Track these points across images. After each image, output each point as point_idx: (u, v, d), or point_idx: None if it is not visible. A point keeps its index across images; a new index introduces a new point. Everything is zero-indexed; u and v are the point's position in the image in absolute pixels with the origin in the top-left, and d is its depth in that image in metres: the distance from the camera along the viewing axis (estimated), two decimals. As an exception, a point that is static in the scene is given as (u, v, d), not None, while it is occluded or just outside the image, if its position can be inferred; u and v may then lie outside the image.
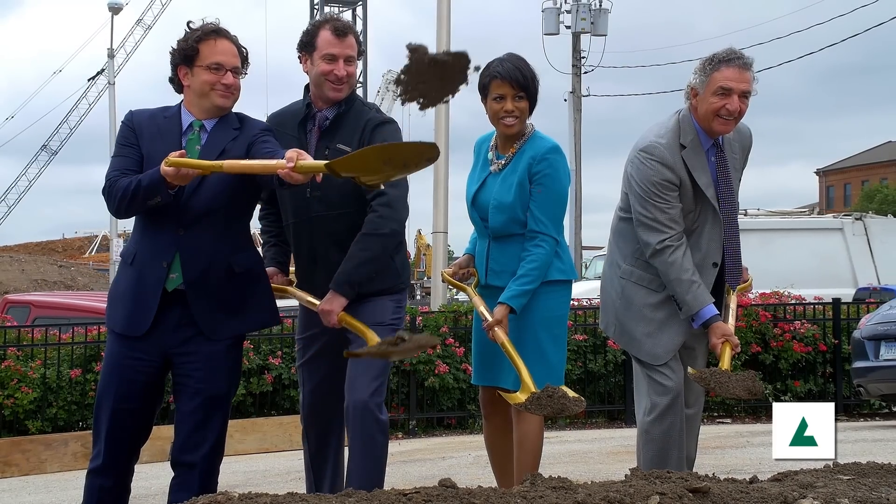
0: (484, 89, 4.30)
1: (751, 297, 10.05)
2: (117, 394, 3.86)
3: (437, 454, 7.86)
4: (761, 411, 10.02)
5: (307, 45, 4.19)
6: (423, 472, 6.63)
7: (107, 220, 41.94)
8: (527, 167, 4.26)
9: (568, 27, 30.40)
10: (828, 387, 10.15)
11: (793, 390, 10.00)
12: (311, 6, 48.62)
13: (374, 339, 3.70)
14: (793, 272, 13.58)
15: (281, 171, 3.42)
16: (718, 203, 4.16)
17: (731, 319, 4.21)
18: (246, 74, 3.98)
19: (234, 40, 3.93)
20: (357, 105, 4.23)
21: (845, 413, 9.98)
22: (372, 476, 3.97)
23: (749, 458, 6.78)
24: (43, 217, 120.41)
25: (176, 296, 3.84)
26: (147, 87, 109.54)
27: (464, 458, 7.44)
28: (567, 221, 13.24)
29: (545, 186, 4.24)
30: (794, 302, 10.66)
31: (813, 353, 10.13)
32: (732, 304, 4.28)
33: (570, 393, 4.10)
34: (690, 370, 4.06)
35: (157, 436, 4.62)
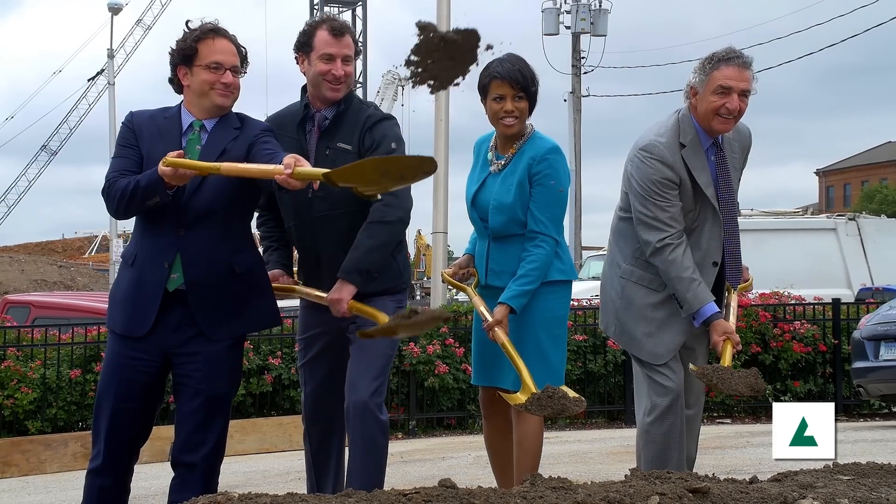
0: (484, 89, 4.30)
1: (750, 297, 10.04)
2: (117, 394, 3.85)
3: (437, 454, 7.86)
4: (761, 411, 10.02)
5: (304, 46, 4.19)
6: (422, 473, 6.63)
7: (106, 220, 41.94)
8: (527, 167, 4.25)
9: (568, 27, 30.42)
10: (827, 387, 10.16)
11: (792, 390, 10.00)
12: (311, 6, 48.61)
13: (385, 321, 3.65)
14: (787, 272, 13.55)
15: (278, 177, 3.42)
16: (718, 202, 4.16)
17: (732, 318, 4.20)
18: (245, 73, 3.98)
19: (232, 39, 3.93)
20: (355, 103, 4.22)
21: (845, 413, 9.98)
22: (372, 476, 3.96)
23: (749, 458, 6.78)
24: (43, 217, 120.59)
25: (177, 296, 3.83)
26: (147, 88, 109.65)
27: (464, 459, 7.43)
28: (567, 222, 13.22)
29: (545, 187, 4.24)
30: (793, 302, 10.66)
31: (813, 354, 10.13)
32: (733, 303, 4.28)
33: (571, 393, 4.10)
34: (692, 367, 4.05)
35: (157, 436, 4.62)
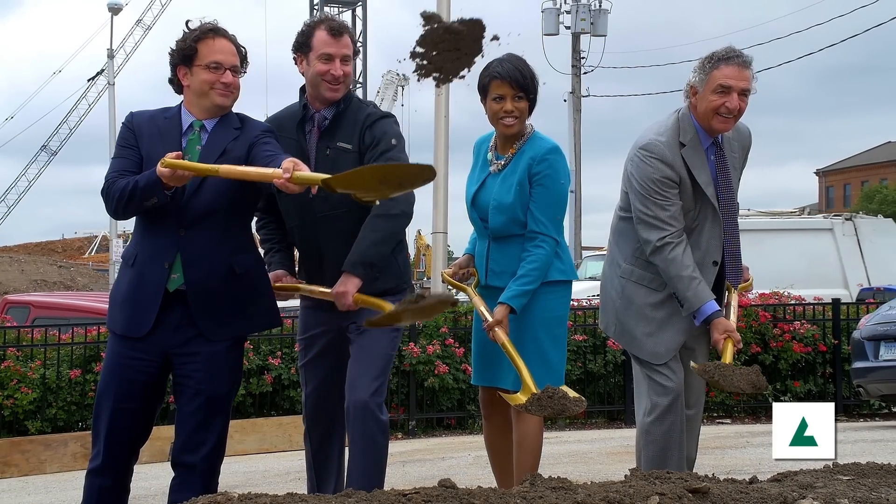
0: (483, 89, 4.30)
1: (750, 297, 10.04)
2: (117, 394, 3.85)
3: (437, 454, 7.86)
4: (761, 412, 10.02)
5: (303, 46, 4.18)
6: (422, 473, 6.63)
7: (106, 220, 41.91)
8: (526, 168, 4.25)
9: (568, 27, 30.43)
10: (827, 387, 10.16)
11: (792, 391, 10.00)
12: (311, 6, 48.59)
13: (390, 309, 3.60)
14: (783, 272, 13.52)
15: (277, 181, 3.42)
16: (718, 201, 4.16)
17: (733, 317, 4.19)
18: (245, 73, 3.98)
19: (232, 39, 3.92)
20: (354, 103, 4.22)
21: (845, 413, 9.98)
22: (372, 476, 3.96)
23: (749, 458, 6.78)
24: (42, 217, 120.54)
25: (177, 296, 3.83)
26: (147, 88, 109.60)
27: (463, 459, 7.43)
28: (567, 222, 13.21)
29: (545, 187, 4.24)
30: (793, 302, 10.66)
31: (812, 354, 10.13)
32: (734, 302, 4.27)
33: (571, 393, 4.10)
34: (693, 364, 4.04)
35: (157, 436, 4.62)
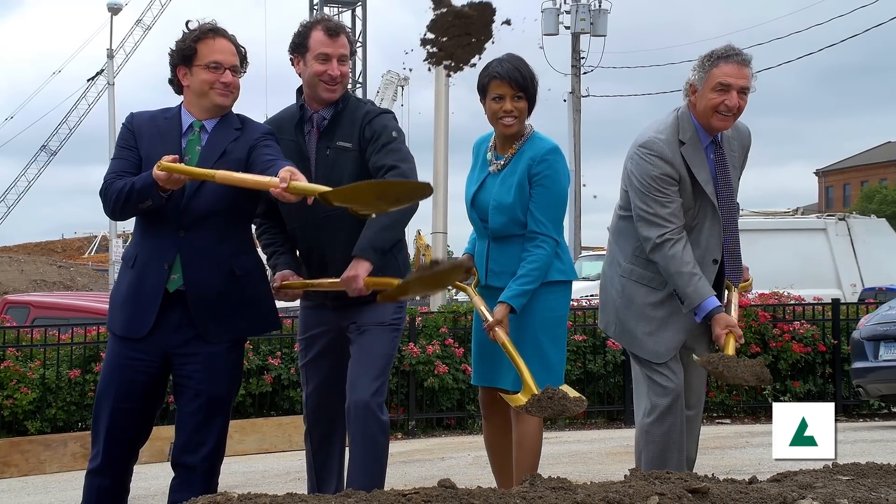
0: (483, 89, 4.30)
1: (750, 297, 10.04)
2: (117, 394, 3.85)
3: (437, 455, 7.86)
4: (760, 412, 10.02)
5: (299, 47, 4.18)
6: (422, 473, 6.63)
7: (106, 220, 41.84)
8: (526, 168, 4.25)
9: (567, 28, 30.42)
10: (827, 387, 10.16)
11: (792, 391, 10.00)
12: (311, 6, 48.59)
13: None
14: (777, 272, 13.52)
15: (273, 191, 3.43)
16: (717, 199, 4.16)
17: (734, 314, 4.19)
18: (245, 73, 3.98)
19: (232, 39, 3.92)
20: (352, 102, 4.22)
21: (844, 414, 9.98)
22: (372, 476, 3.96)
23: (748, 458, 6.78)
24: (42, 217, 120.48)
25: (177, 296, 3.83)
26: (146, 88, 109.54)
27: (463, 459, 7.43)
28: (567, 222, 13.21)
29: (545, 187, 4.24)
30: (793, 302, 10.66)
31: (812, 354, 10.13)
32: (734, 300, 4.26)
33: (571, 393, 4.08)
34: (696, 357, 4.02)
35: (157, 436, 4.62)
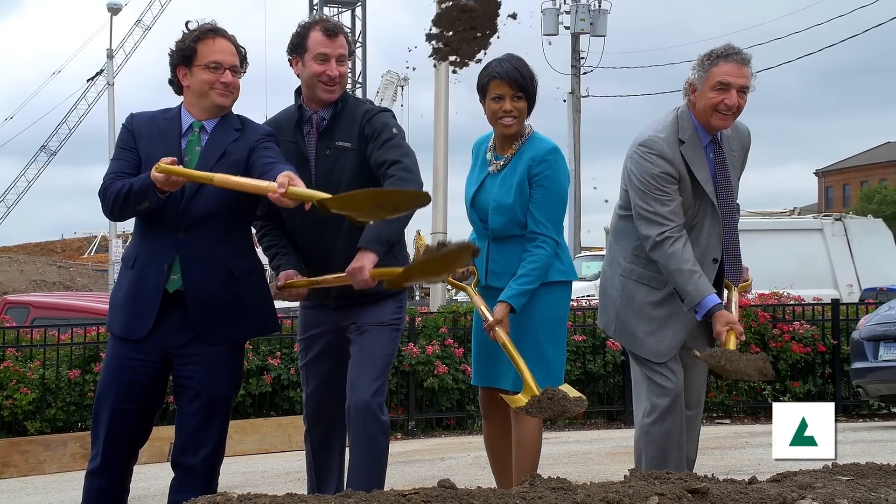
0: (482, 89, 4.30)
1: (750, 297, 10.04)
2: (117, 395, 3.85)
3: (436, 455, 7.86)
4: (760, 412, 10.02)
5: (298, 48, 4.17)
6: (422, 473, 6.63)
7: (105, 221, 41.74)
8: (526, 168, 4.25)
9: (567, 28, 30.43)
10: (827, 387, 10.15)
11: (792, 391, 9.99)
12: (311, 7, 48.57)
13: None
14: (773, 272, 13.51)
15: (271, 196, 3.44)
16: (717, 199, 4.15)
17: (735, 314, 4.18)
18: (245, 73, 3.98)
19: (231, 39, 3.93)
20: (351, 101, 4.23)
21: (844, 414, 9.98)
22: (372, 476, 3.96)
23: (748, 458, 6.78)
24: (42, 218, 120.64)
25: (177, 297, 3.83)
26: (146, 88, 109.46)
27: (463, 459, 7.43)
28: (567, 222, 13.21)
29: (545, 188, 4.24)
30: (793, 303, 10.67)
31: (812, 354, 10.13)
32: (735, 299, 4.26)
33: (572, 393, 4.07)
34: (698, 353, 3.99)
35: (156, 436, 4.62)
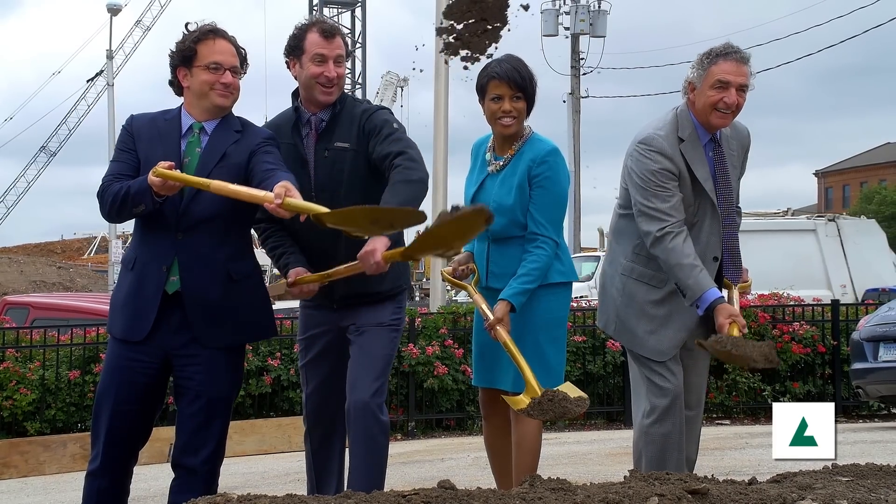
0: (481, 90, 4.30)
1: (749, 298, 10.04)
2: (117, 395, 3.85)
3: (436, 455, 7.86)
4: (760, 413, 10.02)
5: (295, 49, 4.17)
6: (421, 474, 6.63)
7: (105, 221, 41.87)
8: (526, 169, 4.25)
9: (567, 28, 30.45)
10: (826, 388, 10.15)
11: (791, 392, 10.00)
12: (311, 7, 48.57)
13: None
14: (766, 273, 13.49)
15: (268, 206, 3.45)
16: (717, 197, 4.15)
17: (736, 309, 4.17)
18: (245, 74, 3.98)
19: (232, 40, 3.93)
20: (349, 102, 4.23)
21: (844, 414, 9.98)
22: (372, 477, 3.96)
23: (748, 459, 6.78)
24: (42, 218, 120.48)
25: (177, 298, 3.82)
26: (146, 89, 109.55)
27: (463, 460, 7.43)
28: (567, 223, 13.20)
29: (545, 189, 4.24)
30: (792, 303, 10.66)
31: (812, 355, 10.13)
32: (735, 297, 4.25)
33: (574, 392, 4.05)
34: (700, 341, 3.96)
35: (156, 437, 4.62)
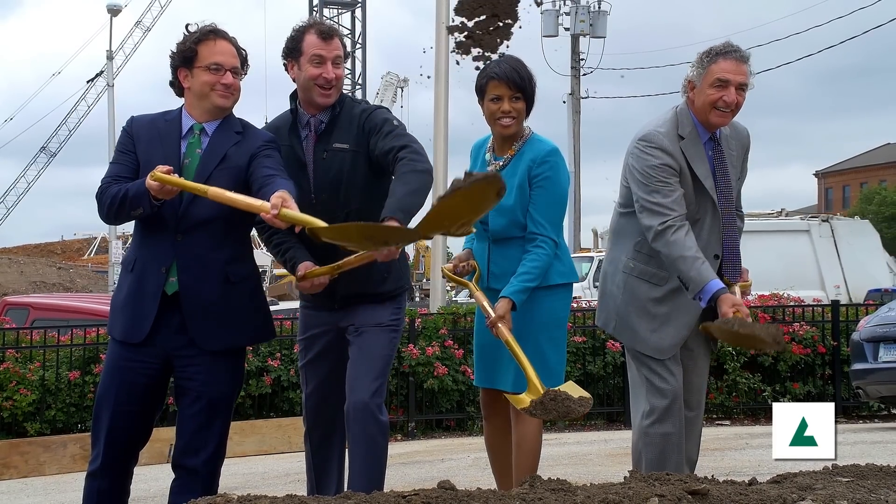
0: (481, 90, 4.30)
1: (749, 298, 10.04)
2: (118, 396, 3.85)
3: (436, 456, 7.86)
4: (760, 413, 10.02)
5: (293, 51, 4.16)
6: (421, 474, 6.63)
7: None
8: (527, 170, 4.25)
9: (567, 29, 30.46)
10: (827, 389, 10.15)
11: (792, 392, 9.99)
12: (311, 8, 48.56)
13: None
14: (760, 274, 13.49)
15: (264, 216, 3.47)
16: (717, 195, 4.15)
17: (739, 298, 4.15)
18: (245, 75, 3.99)
19: (232, 41, 3.93)
20: (348, 103, 4.22)
21: (844, 415, 9.98)
22: (372, 477, 3.96)
23: (748, 459, 6.78)
24: (42, 219, 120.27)
25: (176, 300, 3.82)
26: (146, 89, 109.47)
27: (463, 460, 7.43)
28: (567, 223, 13.20)
29: (545, 189, 4.24)
30: (792, 304, 10.67)
31: (812, 355, 10.13)
32: (737, 294, 4.24)
33: (576, 392, 4.03)
34: (703, 325, 3.94)
35: (157, 438, 4.62)
